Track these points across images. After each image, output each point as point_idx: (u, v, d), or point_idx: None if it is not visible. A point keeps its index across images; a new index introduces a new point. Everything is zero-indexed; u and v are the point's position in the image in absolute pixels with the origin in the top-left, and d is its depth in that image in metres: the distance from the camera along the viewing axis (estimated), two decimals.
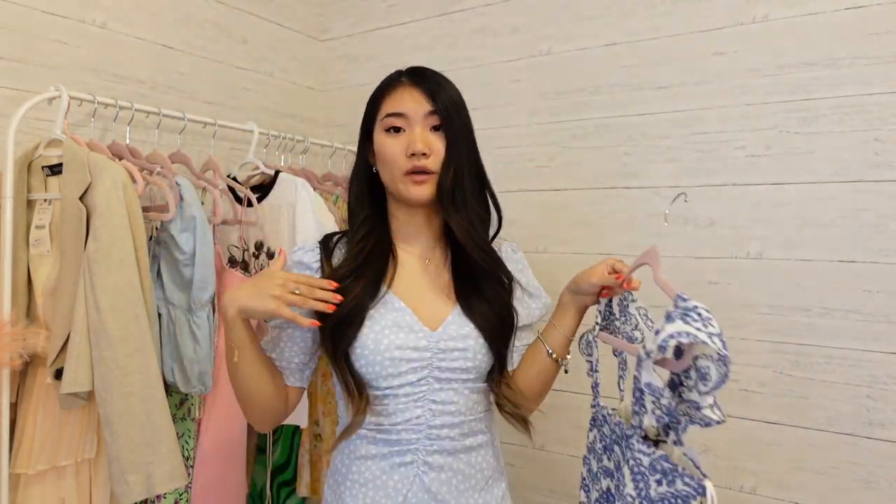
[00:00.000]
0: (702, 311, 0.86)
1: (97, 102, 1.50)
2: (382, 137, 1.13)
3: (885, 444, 1.49)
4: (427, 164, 1.09)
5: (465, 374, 1.11)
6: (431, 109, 1.11)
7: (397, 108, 1.12)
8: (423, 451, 1.10)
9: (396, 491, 1.09)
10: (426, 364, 1.09)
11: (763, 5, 1.61)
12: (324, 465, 1.86)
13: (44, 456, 1.36)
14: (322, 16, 2.36)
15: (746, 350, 1.63)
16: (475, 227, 1.12)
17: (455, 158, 1.10)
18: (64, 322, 1.33)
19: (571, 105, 1.87)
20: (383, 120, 1.13)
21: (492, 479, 1.16)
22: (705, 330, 0.84)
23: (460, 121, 1.12)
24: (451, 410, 1.11)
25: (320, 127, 2.36)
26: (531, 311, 1.22)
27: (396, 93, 1.14)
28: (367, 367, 1.09)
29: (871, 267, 1.50)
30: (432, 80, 1.14)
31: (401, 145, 1.10)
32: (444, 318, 1.12)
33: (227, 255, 1.70)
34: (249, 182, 1.82)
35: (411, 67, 1.18)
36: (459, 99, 1.15)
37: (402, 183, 1.11)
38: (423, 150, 1.09)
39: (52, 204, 1.42)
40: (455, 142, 1.11)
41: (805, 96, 1.56)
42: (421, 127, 1.11)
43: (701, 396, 0.86)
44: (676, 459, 0.92)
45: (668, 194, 1.72)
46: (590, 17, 1.84)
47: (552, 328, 1.18)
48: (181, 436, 1.55)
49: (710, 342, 0.82)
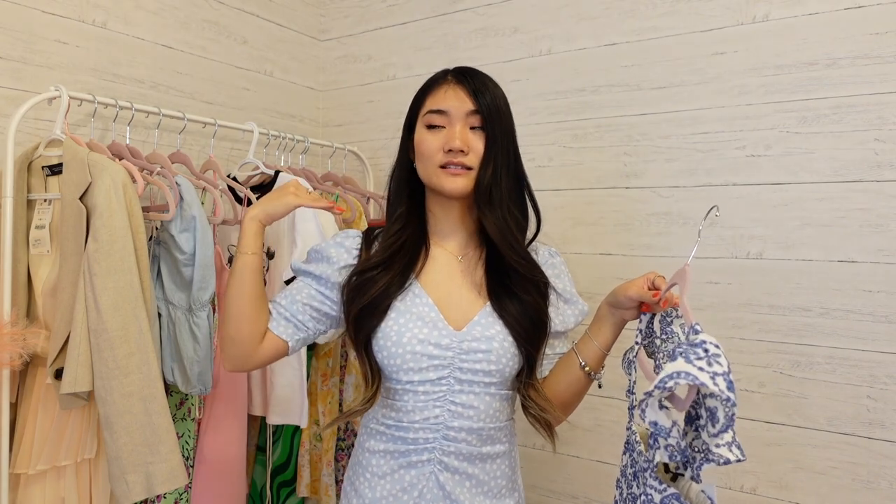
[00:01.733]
0: (710, 346, 0.82)
1: (97, 102, 1.50)
2: (423, 133, 1.13)
3: (885, 444, 1.49)
4: (465, 160, 1.09)
5: (487, 377, 1.09)
6: (473, 109, 1.10)
7: (439, 104, 1.12)
8: (440, 451, 1.10)
9: (412, 486, 1.10)
10: (448, 363, 1.08)
11: (763, 5, 1.61)
12: (324, 465, 1.86)
13: (44, 456, 1.36)
14: (322, 16, 2.36)
15: (746, 350, 1.63)
16: (510, 228, 1.11)
17: (494, 157, 1.10)
18: (64, 322, 1.33)
19: (571, 105, 1.87)
20: (425, 116, 1.13)
21: (505, 489, 1.15)
22: (709, 369, 0.80)
23: (501, 122, 1.12)
24: (469, 415, 1.09)
25: (320, 127, 2.36)
26: (566, 318, 1.18)
27: (441, 90, 1.13)
28: (388, 358, 1.09)
29: (871, 267, 1.50)
30: (477, 80, 1.13)
31: (439, 141, 1.10)
32: (471, 318, 1.11)
33: (227, 255, 1.70)
34: (249, 182, 1.82)
35: (459, 67, 1.18)
36: (504, 101, 1.14)
37: (436, 176, 1.11)
38: (460, 147, 1.08)
39: (52, 204, 1.42)
40: (494, 142, 1.10)
41: (805, 96, 1.56)
42: (461, 125, 1.10)
43: (711, 438, 0.83)
44: (693, 495, 0.89)
45: (667, 194, 1.73)
46: (590, 17, 1.84)
47: (588, 340, 1.14)
48: (181, 436, 1.55)
49: (710, 384, 0.78)
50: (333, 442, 1.88)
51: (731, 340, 1.65)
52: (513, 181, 1.13)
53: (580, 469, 1.85)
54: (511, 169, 1.13)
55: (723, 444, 0.82)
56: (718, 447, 0.82)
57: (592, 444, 1.83)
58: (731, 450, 0.82)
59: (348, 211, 1.94)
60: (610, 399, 1.77)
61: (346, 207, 1.95)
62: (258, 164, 1.81)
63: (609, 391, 1.77)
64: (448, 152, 1.09)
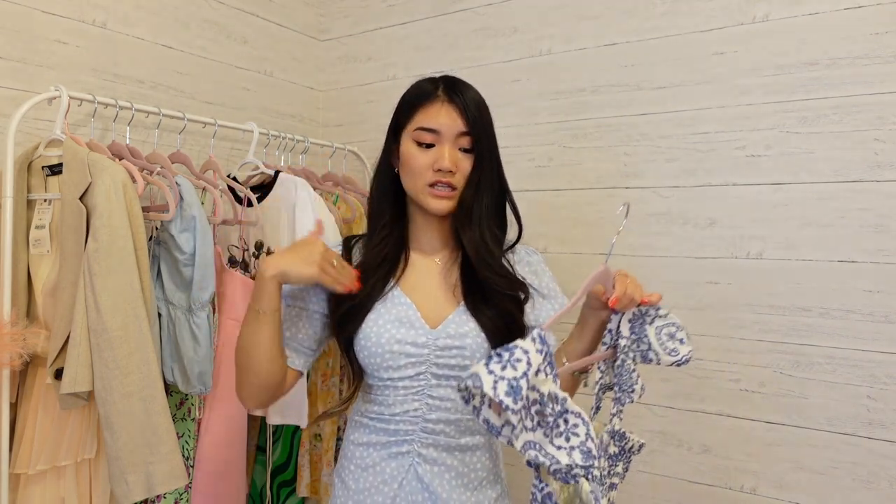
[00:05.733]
0: (518, 350, 0.83)
1: (97, 102, 1.50)
2: (412, 148, 1.15)
3: (885, 444, 1.49)
4: (452, 180, 1.13)
5: (462, 371, 1.13)
6: (465, 130, 1.13)
7: (431, 123, 1.13)
8: (419, 443, 1.14)
9: (392, 478, 1.14)
10: (424, 360, 1.13)
11: (763, 5, 1.61)
12: (324, 465, 1.86)
13: (44, 456, 1.36)
14: (322, 16, 2.36)
15: (746, 350, 1.63)
16: (486, 244, 1.14)
17: (479, 178, 1.14)
18: (64, 322, 1.33)
19: (571, 105, 1.86)
20: (415, 131, 1.14)
21: (486, 481, 1.17)
22: (499, 373, 0.80)
23: (489, 142, 1.15)
24: (447, 407, 1.14)
25: (320, 127, 2.36)
26: (539, 314, 1.19)
27: (433, 107, 1.14)
28: (368, 357, 1.14)
29: (871, 267, 1.50)
30: (468, 97, 1.14)
31: (429, 159, 1.13)
32: (446, 317, 1.14)
33: (227, 255, 1.70)
34: (249, 182, 1.82)
35: (448, 79, 1.18)
36: (489, 117, 1.17)
37: (422, 194, 1.14)
38: (449, 168, 1.12)
39: (52, 204, 1.42)
40: (481, 162, 1.14)
41: (805, 96, 1.56)
42: (451, 145, 1.13)
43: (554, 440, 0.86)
44: (584, 495, 0.90)
45: (667, 194, 1.73)
46: (590, 17, 1.84)
47: (572, 340, 1.13)
48: (181, 436, 1.54)
49: (488, 386, 0.79)
50: (333, 442, 1.88)
51: (731, 340, 1.65)
52: (494, 197, 1.16)
53: None
54: (494, 186, 1.16)
55: (562, 448, 0.85)
56: (560, 449, 0.85)
57: None
58: (570, 455, 0.84)
59: (348, 210, 1.94)
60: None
61: (346, 207, 1.95)
62: (258, 164, 1.81)
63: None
64: (437, 171, 1.12)
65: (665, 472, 1.73)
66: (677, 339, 1.02)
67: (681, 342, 1.02)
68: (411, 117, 1.16)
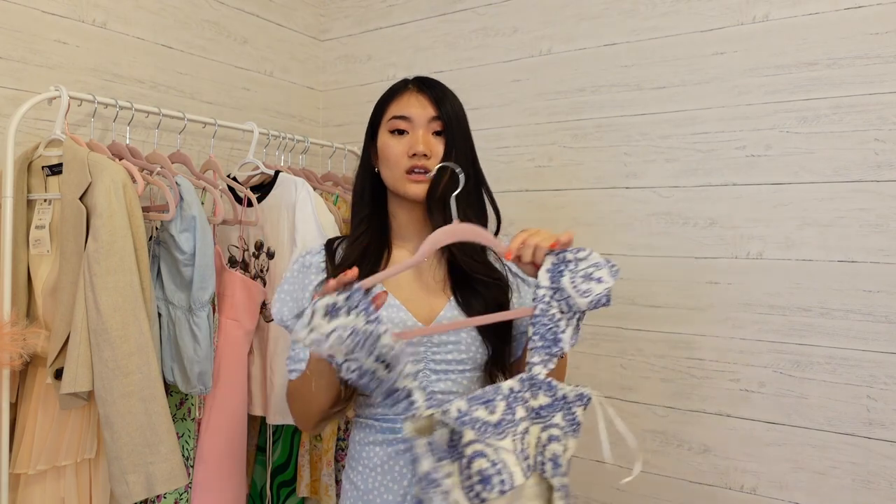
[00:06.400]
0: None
1: (97, 102, 1.50)
2: (386, 138, 1.18)
3: (885, 444, 1.49)
4: (427, 164, 1.15)
5: (460, 364, 1.14)
6: (435, 115, 1.17)
7: (402, 111, 1.17)
8: None
9: (402, 476, 1.13)
10: (421, 357, 1.13)
11: (763, 5, 1.61)
12: (324, 465, 1.86)
13: (44, 456, 1.36)
14: (322, 16, 2.36)
15: (746, 350, 1.63)
16: None
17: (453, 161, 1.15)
18: (64, 322, 1.33)
19: (571, 105, 1.86)
20: (389, 122, 1.18)
21: None
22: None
23: (460, 128, 1.19)
24: (450, 400, 1.12)
25: (320, 127, 2.36)
26: (524, 299, 1.21)
27: (403, 98, 1.19)
28: None
29: (871, 267, 1.50)
30: (438, 88, 1.20)
31: (403, 146, 1.16)
32: (438, 312, 1.15)
33: (227, 255, 1.70)
34: (249, 182, 1.82)
35: (417, 76, 1.23)
36: (461, 109, 1.21)
37: (401, 182, 1.16)
38: (424, 151, 1.14)
39: (52, 204, 1.42)
40: (453, 145, 1.17)
41: (805, 96, 1.56)
42: (424, 130, 1.16)
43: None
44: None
45: (667, 194, 1.73)
46: (590, 17, 1.84)
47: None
48: (181, 436, 1.55)
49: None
50: (333, 442, 1.88)
51: (731, 340, 1.65)
52: (470, 184, 1.16)
53: (580, 469, 1.85)
54: (469, 172, 1.16)
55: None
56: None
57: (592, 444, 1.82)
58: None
59: (348, 210, 1.93)
60: (609, 399, 1.77)
61: (346, 207, 1.95)
62: (258, 164, 1.81)
63: (607, 391, 1.77)
64: (412, 156, 1.15)
65: (665, 472, 1.73)
66: (594, 280, 0.94)
67: (598, 281, 0.94)
68: (384, 111, 1.20)
